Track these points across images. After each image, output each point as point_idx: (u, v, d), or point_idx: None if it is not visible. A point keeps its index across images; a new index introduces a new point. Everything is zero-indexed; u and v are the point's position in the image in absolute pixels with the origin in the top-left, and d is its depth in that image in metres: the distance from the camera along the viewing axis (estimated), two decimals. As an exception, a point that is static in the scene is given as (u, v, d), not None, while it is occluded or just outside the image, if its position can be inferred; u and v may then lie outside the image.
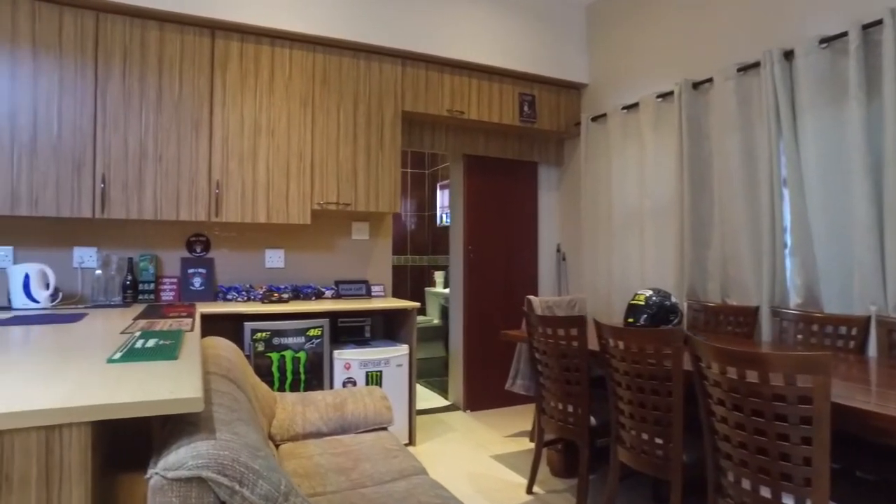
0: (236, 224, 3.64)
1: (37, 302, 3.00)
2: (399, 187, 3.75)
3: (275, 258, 3.73)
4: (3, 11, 2.98)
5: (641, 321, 2.84)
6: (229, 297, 3.49)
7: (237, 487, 1.14)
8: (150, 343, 1.78)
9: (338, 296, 3.73)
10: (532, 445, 3.58)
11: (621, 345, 2.27)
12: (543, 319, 2.70)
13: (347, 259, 3.93)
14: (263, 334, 3.10)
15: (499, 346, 4.43)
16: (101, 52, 3.14)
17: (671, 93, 3.62)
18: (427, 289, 6.35)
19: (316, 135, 3.54)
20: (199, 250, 3.56)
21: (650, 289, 2.94)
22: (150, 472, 1.12)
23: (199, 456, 1.13)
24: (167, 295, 3.44)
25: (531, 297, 3.68)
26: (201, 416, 1.31)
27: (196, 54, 3.31)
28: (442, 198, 6.31)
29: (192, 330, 2.12)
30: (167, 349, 1.68)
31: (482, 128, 4.32)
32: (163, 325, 2.26)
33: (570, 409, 2.65)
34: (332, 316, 3.43)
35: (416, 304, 3.50)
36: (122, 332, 2.05)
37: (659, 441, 2.21)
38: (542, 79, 4.30)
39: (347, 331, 3.52)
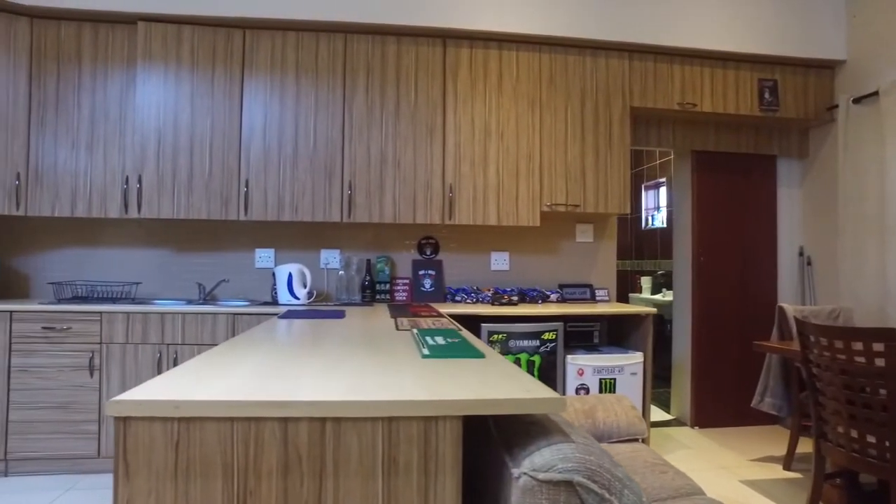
0: (463, 226, 3.72)
1: (297, 299, 3.30)
2: (629, 187, 3.57)
3: (500, 261, 3.74)
4: (276, 45, 3.35)
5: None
6: (457, 298, 3.56)
7: (606, 496, 1.07)
8: (441, 340, 1.81)
9: (562, 300, 3.64)
10: (788, 474, 3.16)
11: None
12: (828, 330, 2.34)
13: (571, 262, 3.83)
14: (500, 336, 3.10)
15: (733, 359, 4.02)
16: (349, 69, 3.39)
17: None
18: (631, 294, 6.03)
19: (544, 136, 3.50)
20: (428, 252, 3.69)
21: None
22: (517, 471, 1.09)
23: (567, 459, 1.07)
24: (400, 295, 3.61)
25: (784, 305, 3.26)
26: (538, 417, 1.26)
27: (429, 63, 3.44)
28: (647, 199, 5.97)
29: (459, 329, 2.15)
30: (465, 347, 1.69)
31: (714, 120, 3.96)
32: (425, 323, 2.33)
33: (872, 439, 2.25)
34: (565, 320, 3.34)
35: (653, 310, 3.28)
36: (399, 329, 2.13)
37: None
38: (785, 60, 3.82)
39: (576, 336, 3.40)
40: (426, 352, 1.56)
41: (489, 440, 1.28)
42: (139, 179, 3.29)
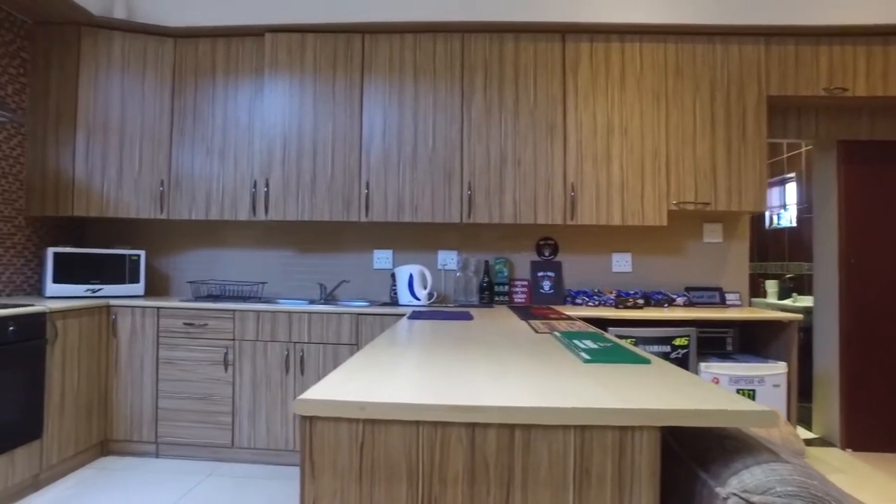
0: (583, 227, 3.59)
1: (418, 300, 3.31)
2: (765, 183, 3.29)
3: (622, 262, 3.58)
4: (394, 47, 3.39)
5: None
6: (578, 300, 3.44)
7: (835, 528, 0.94)
8: (592, 344, 1.72)
9: (690, 303, 3.42)
10: (966, 505, 2.77)
11: None
12: None
13: (698, 263, 3.60)
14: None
15: (893, 371, 3.60)
16: (467, 69, 3.37)
17: None
18: (754, 299, 5.61)
19: (670, 130, 3.30)
20: (547, 254, 3.59)
21: None
22: (724, 491, 0.98)
23: (786, 482, 0.95)
24: (519, 297, 3.54)
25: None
26: (731, 430, 1.15)
27: (548, 60, 3.35)
28: (771, 197, 5.53)
29: (601, 333, 2.04)
30: (624, 351, 1.59)
31: (869, 106, 3.58)
32: (560, 326, 2.24)
33: None
34: (697, 325, 3.13)
35: (798, 317, 3.00)
36: (538, 332, 2.06)
37: None
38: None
39: (707, 342, 3.18)
40: (587, 356, 1.48)
41: (667, 451, 1.18)
42: (266, 183, 3.44)
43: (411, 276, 3.31)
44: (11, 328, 2.60)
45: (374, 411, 1.01)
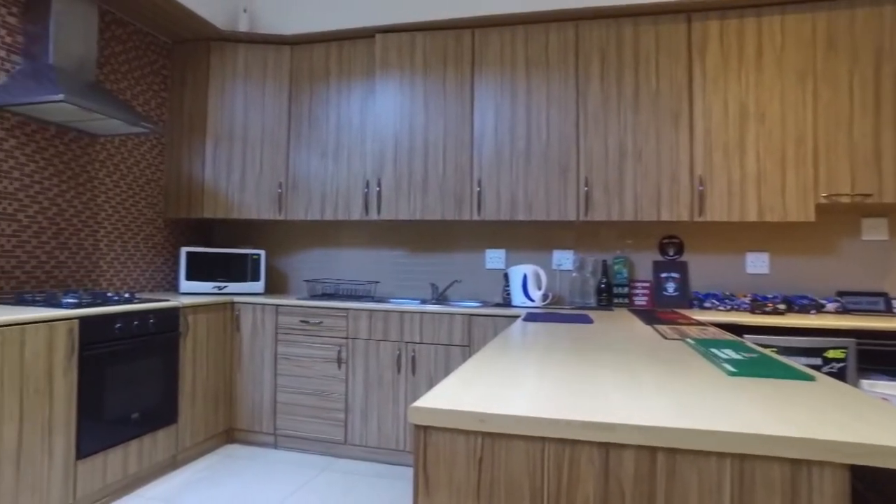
0: (712, 224, 3.28)
1: (532, 301, 3.18)
2: (944, 169, 2.81)
3: (758, 262, 3.22)
4: (504, 41, 3.28)
5: None
6: (706, 304, 3.14)
7: None
8: (734, 354, 1.50)
9: (844, 310, 3.00)
10: None
11: None
12: None
13: (854, 265, 3.15)
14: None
15: None
16: (581, 59, 3.19)
17: None
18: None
19: (819, 113, 2.92)
20: (671, 253, 3.32)
21: None
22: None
23: None
24: (640, 300, 3.29)
25: None
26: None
27: (671, 43, 3.08)
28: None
29: (740, 340, 1.80)
30: (776, 364, 1.37)
31: None
32: (691, 332, 2.01)
33: None
34: (856, 335, 2.73)
35: None
36: (667, 339, 1.86)
37: None
38: None
39: (870, 356, 2.76)
40: (731, 368, 1.29)
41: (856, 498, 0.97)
42: (378, 183, 3.46)
43: (525, 277, 3.19)
44: (151, 321, 2.81)
45: (495, 424, 0.91)
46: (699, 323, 2.35)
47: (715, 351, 1.55)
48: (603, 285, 3.27)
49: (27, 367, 2.20)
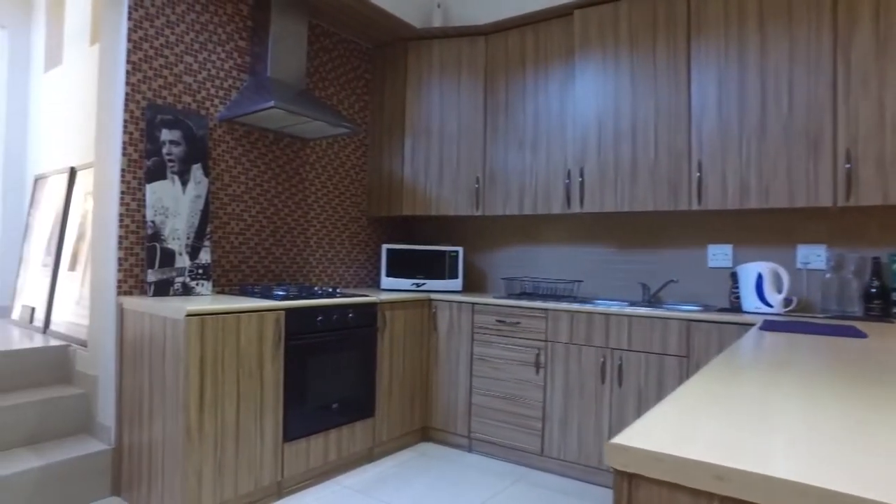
0: None
1: (769, 306, 2.59)
2: None
3: None
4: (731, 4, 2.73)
5: None
6: None
7: None
8: None
9: None
10: None
11: None
12: None
13: None
14: None
15: None
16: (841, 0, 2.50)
17: None
18: None
19: None
20: (982, 247, 2.45)
21: None
22: None
23: None
24: (929, 309, 2.49)
25: None
26: None
27: None
28: None
29: None
30: None
31: None
32: None
33: None
34: None
35: None
36: None
37: None
38: None
39: None
40: None
41: None
42: (581, 172, 3.14)
43: (760, 277, 2.61)
44: (350, 315, 2.86)
45: (742, 486, 0.58)
46: None
47: None
48: (874, 290, 2.53)
49: (242, 352, 2.35)
